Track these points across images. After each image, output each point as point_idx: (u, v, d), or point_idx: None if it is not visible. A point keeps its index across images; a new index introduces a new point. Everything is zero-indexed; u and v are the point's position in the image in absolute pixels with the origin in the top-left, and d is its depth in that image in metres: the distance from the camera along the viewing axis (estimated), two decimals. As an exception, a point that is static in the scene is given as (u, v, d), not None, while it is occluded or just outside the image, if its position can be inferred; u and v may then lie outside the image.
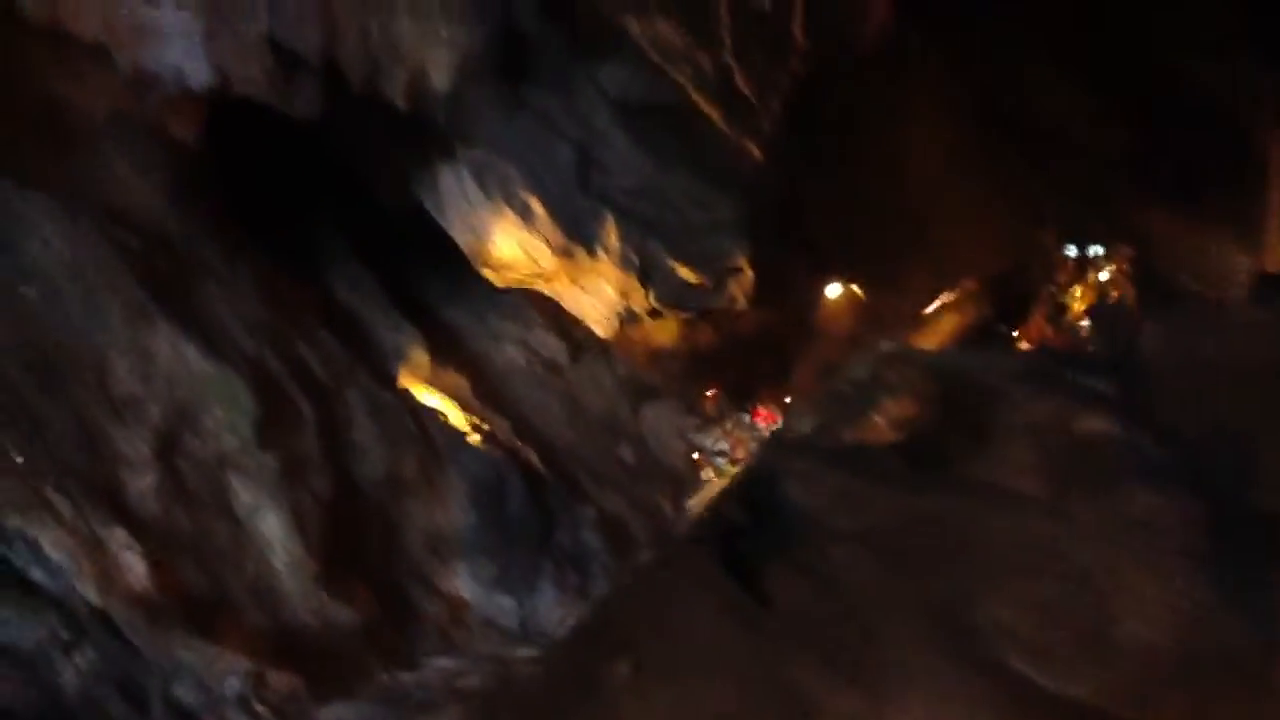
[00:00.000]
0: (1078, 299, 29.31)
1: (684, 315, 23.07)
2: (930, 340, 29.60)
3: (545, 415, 23.22)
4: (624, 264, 21.06)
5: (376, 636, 17.41)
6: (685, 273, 21.41)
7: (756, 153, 21.21)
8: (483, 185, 20.15)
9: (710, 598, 8.11)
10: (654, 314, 22.41)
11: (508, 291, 22.23)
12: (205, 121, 17.80)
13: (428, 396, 20.52)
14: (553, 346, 23.68)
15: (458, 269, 21.43)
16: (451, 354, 21.88)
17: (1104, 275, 30.18)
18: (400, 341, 20.62)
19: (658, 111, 20.46)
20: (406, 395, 19.93)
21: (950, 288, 27.69)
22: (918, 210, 23.86)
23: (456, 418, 20.62)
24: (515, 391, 23.03)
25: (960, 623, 7.75)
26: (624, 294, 21.75)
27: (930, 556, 8.16)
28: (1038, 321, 29.06)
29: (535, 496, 20.67)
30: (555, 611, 19.92)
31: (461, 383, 21.65)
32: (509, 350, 23.33)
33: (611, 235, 20.79)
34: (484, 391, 22.08)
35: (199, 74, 16.91)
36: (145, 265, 16.45)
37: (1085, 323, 28.50)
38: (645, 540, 22.26)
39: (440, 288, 22.07)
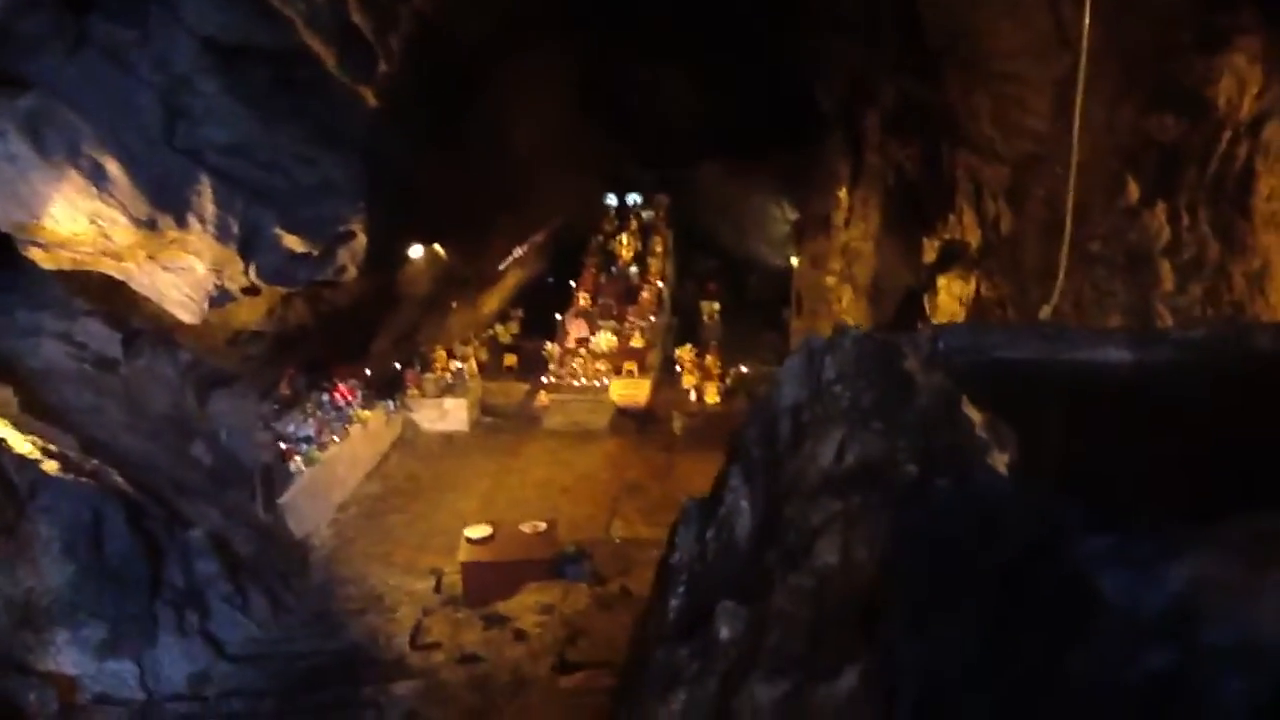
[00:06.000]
0: (625, 246, 30.37)
1: (284, 290, 19.95)
2: (497, 295, 28.89)
3: (104, 422, 18.91)
4: (221, 234, 17.58)
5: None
6: (292, 242, 18.45)
7: (372, 100, 18.79)
8: (37, 141, 15.41)
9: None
10: (250, 290, 19.09)
11: (43, 274, 17.52)
12: None
13: (-22, 423, 15.51)
14: (102, 338, 19.29)
15: (-14, 250, 16.36)
16: (-12, 362, 16.77)
17: (643, 219, 31.61)
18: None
19: (256, 52, 17.13)
20: (-44, 427, 14.85)
21: (521, 244, 27.18)
22: (513, 178, 22.87)
23: (20, 443, 15.87)
24: (66, 398, 18.38)
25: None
26: (218, 270, 18.18)
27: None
28: (590, 272, 29.66)
29: (137, 529, 16.79)
30: (183, 665, 16.56)
31: (8, 396, 16.71)
32: (49, 347, 18.51)
33: (206, 201, 17.21)
34: (37, 404, 17.29)
35: None
36: None
37: (634, 269, 29.65)
38: (253, 553, 19.39)
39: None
